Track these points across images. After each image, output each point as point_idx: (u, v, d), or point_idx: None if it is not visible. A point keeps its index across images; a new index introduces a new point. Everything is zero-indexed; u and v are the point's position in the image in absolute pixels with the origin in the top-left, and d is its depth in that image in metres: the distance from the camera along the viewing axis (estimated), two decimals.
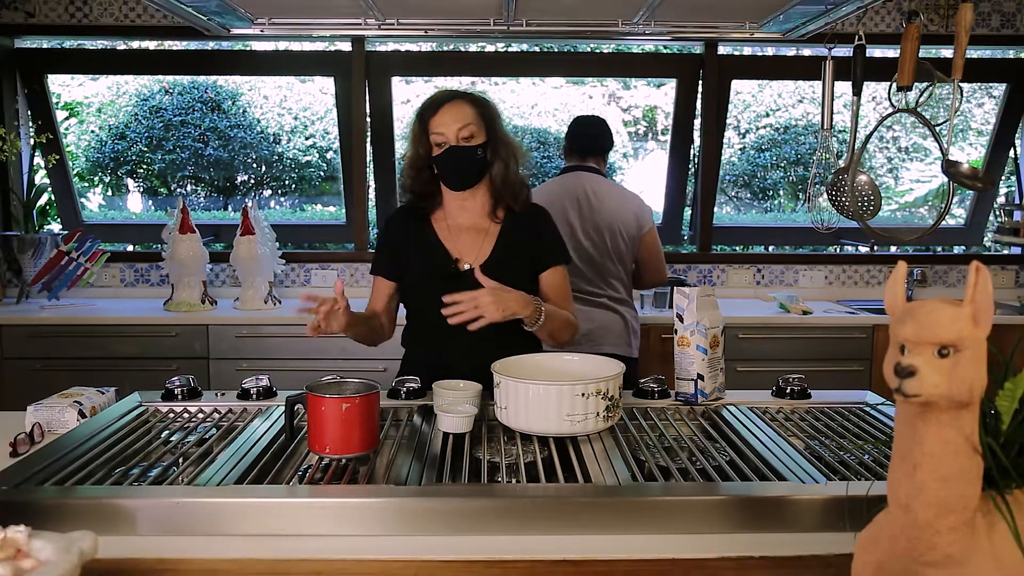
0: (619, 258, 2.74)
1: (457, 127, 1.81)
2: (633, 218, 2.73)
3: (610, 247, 2.71)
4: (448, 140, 1.81)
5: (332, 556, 1.04)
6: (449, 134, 1.81)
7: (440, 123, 1.82)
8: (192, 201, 4.36)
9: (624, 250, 2.74)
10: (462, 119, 1.82)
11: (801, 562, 1.03)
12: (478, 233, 1.91)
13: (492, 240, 1.90)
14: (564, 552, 1.05)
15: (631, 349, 2.76)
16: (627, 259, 2.76)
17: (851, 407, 1.66)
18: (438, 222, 1.93)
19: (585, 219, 2.70)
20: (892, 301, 0.80)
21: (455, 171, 1.85)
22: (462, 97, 1.85)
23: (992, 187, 4.02)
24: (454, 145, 1.81)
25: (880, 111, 4.37)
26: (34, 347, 3.27)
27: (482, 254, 1.88)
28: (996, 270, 4.07)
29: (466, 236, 1.91)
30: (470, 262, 1.87)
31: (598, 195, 2.73)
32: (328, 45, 4.04)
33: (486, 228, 1.91)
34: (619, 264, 2.74)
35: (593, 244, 2.70)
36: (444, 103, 1.83)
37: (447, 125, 1.81)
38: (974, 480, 0.76)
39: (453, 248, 1.89)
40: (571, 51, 4.08)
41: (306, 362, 3.27)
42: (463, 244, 1.89)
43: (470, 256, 1.88)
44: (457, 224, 1.92)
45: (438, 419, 1.48)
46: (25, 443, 1.43)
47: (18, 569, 0.80)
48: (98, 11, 3.78)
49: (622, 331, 2.74)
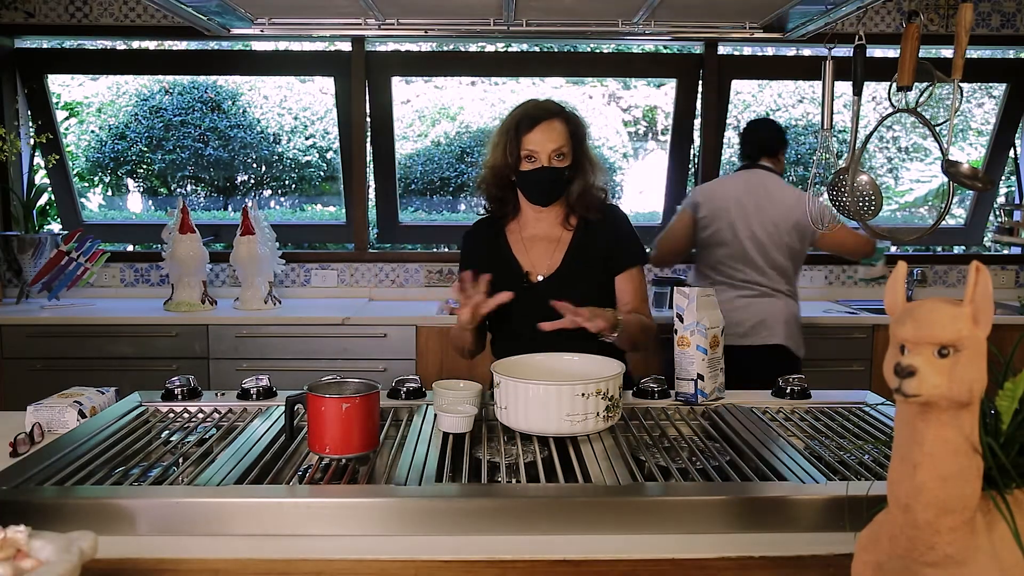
0: (789, 253, 2.81)
1: (552, 147, 1.81)
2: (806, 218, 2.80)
3: (778, 242, 2.79)
4: (540, 159, 1.81)
5: (332, 556, 1.04)
6: (543, 153, 1.81)
7: (534, 140, 1.81)
8: (192, 201, 4.36)
9: (796, 246, 2.81)
10: (556, 140, 1.81)
11: (801, 562, 1.03)
12: (550, 243, 1.92)
13: (563, 249, 1.91)
14: (564, 552, 1.05)
15: (796, 345, 2.82)
16: (797, 255, 2.84)
17: (851, 407, 1.66)
18: (512, 233, 1.95)
19: (751, 214, 2.79)
20: (892, 301, 0.80)
21: (541, 190, 1.86)
22: (558, 115, 1.84)
23: (992, 187, 4.02)
24: (545, 166, 1.81)
25: (880, 111, 4.37)
26: (34, 347, 3.27)
27: (552, 264, 1.90)
28: (996, 270, 4.07)
29: (539, 247, 1.92)
30: (541, 273, 1.90)
31: (768, 191, 2.82)
32: (328, 45, 4.04)
33: (558, 237, 1.93)
34: (788, 259, 2.82)
35: (760, 236, 2.78)
36: (541, 120, 1.82)
37: (541, 144, 1.81)
38: (974, 480, 0.76)
39: (525, 260, 1.91)
40: (571, 51, 4.08)
41: (306, 362, 3.27)
42: (535, 255, 1.91)
43: (541, 267, 1.90)
44: (531, 235, 1.94)
45: (438, 419, 1.48)
46: (25, 443, 1.43)
47: (18, 569, 0.80)
48: (98, 11, 3.78)
49: (788, 320, 2.81)
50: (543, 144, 1.80)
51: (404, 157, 4.37)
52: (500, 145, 1.85)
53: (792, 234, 2.79)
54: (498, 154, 1.85)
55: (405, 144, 4.47)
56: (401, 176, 4.13)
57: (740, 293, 2.80)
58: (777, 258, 2.80)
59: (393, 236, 4.12)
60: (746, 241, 2.77)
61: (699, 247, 2.93)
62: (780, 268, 2.81)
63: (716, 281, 2.83)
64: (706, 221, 2.85)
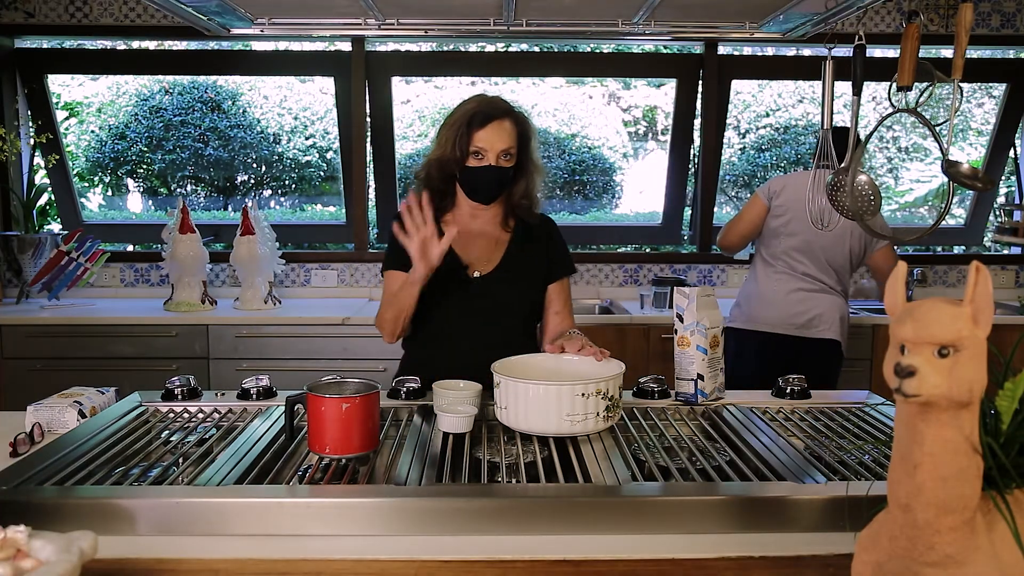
0: (850, 256, 2.89)
1: (501, 147, 1.81)
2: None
3: (843, 243, 2.85)
4: (488, 158, 1.81)
5: (332, 556, 1.04)
6: (491, 152, 1.81)
7: (485, 138, 1.80)
8: (192, 201, 4.36)
9: (857, 251, 2.89)
10: (506, 140, 1.82)
11: (801, 562, 1.03)
12: (488, 241, 1.93)
13: (502, 249, 1.92)
14: (564, 552, 1.05)
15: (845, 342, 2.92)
16: (856, 259, 2.93)
17: (851, 407, 1.66)
18: (448, 225, 1.93)
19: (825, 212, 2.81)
20: (892, 301, 0.80)
21: (485, 188, 1.86)
22: (509, 116, 1.84)
23: (992, 187, 4.01)
24: (492, 165, 1.82)
25: (880, 111, 4.37)
26: (34, 347, 3.27)
27: (491, 262, 1.90)
28: (996, 270, 4.07)
29: (478, 243, 1.92)
30: (479, 270, 1.89)
31: None
32: (328, 45, 4.04)
33: (497, 236, 1.94)
34: (847, 261, 2.89)
35: (828, 235, 2.79)
36: (494, 119, 1.81)
37: (491, 143, 1.81)
38: (974, 480, 0.76)
39: (464, 254, 1.90)
40: (571, 51, 4.08)
41: (306, 362, 3.28)
42: (474, 251, 1.91)
43: (480, 264, 1.90)
44: (469, 230, 1.93)
45: (438, 419, 1.48)
46: (25, 443, 1.43)
47: (18, 569, 0.80)
48: (98, 11, 3.78)
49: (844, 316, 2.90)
50: (492, 143, 1.80)
51: (404, 157, 4.37)
52: (449, 139, 1.83)
53: (856, 239, 2.87)
54: (447, 147, 1.83)
55: (405, 144, 4.46)
56: (401, 176, 4.13)
57: (800, 285, 2.87)
58: (838, 258, 2.88)
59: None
60: (814, 237, 2.82)
61: (765, 235, 2.97)
62: (840, 268, 2.89)
63: (778, 270, 2.90)
64: (780, 210, 2.90)
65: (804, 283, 2.88)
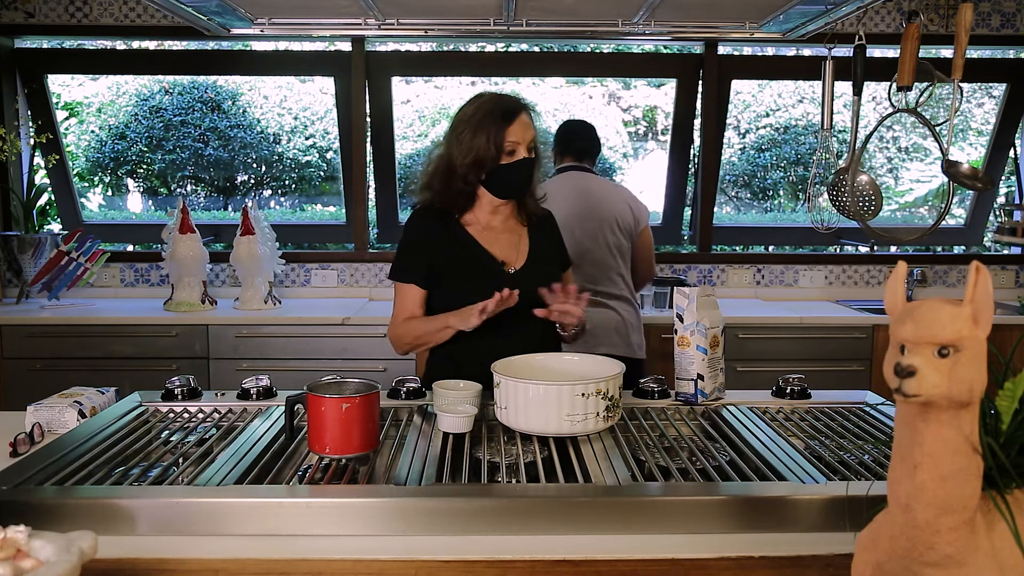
0: (619, 252, 2.76)
1: (529, 138, 1.82)
2: (628, 210, 2.76)
3: (610, 242, 2.74)
4: (520, 152, 1.82)
5: (332, 556, 1.04)
6: (523, 145, 1.82)
7: (517, 133, 1.81)
8: (192, 201, 4.36)
9: (623, 244, 2.76)
10: (531, 132, 1.83)
11: (801, 562, 1.03)
12: (512, 236, 1.95)
13: (526, 242, 1.95)
14: (564, 552, 1.05)
15: (631, 348, 2.76)
16: (627, 254, 2.79)
17: (851, 407, 1.66)
18: (470, 226, 1.93)
19: (584, 217, 2.72)
20: (892, 301, 0.79)
21: (520, 182, 1.86)
22: (526, 109, 1.86)
23: (992, 187, 4.02)
24: (525, 158, 1.82)
25: (880, 111, 4.37)
26: (34, 347, 3.27)
27: (521, 257, 1.93)
28: (996, 270, 4.07)
29: (502, 239, 1.93)
30: (514, 265, 1.92)
31: (594, 192, 2.78)
32: (328, 45, 4.04)
33: (517, 231, 1.96)
34: (619, 259, 2.77)
35: (594, 240, 2.72)
36: (520, 112, 1.82)
37: (522, 136, 1.81)
38: (974, 480, 0.76)
39: (495, 251, 1.91)
40: (571, 51, 4.08)
41: (306, 362, 3.27)
42: (502, 247, 1.92)
43: (511, 259, 1.92)
44: (492, 227, 1.93)
45: (438, 419, 1.48)
46: (25, 443, 1.43)
47: (18, 569, 0.81)
48: (98, 11, 3.78)
49: (619, 329, 2.74)
50: (523, 136, 1.81)
51: (404, 157, 4.37)
52: (482, 138, 1.80)
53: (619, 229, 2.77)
54: (481, 147, 1.80)
55: (405, 144, 4.47)
56: (401, 176, 4.13)
57: None
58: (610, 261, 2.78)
59: (393, 236, 4.12)
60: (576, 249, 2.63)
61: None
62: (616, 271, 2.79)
63: None
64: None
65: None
